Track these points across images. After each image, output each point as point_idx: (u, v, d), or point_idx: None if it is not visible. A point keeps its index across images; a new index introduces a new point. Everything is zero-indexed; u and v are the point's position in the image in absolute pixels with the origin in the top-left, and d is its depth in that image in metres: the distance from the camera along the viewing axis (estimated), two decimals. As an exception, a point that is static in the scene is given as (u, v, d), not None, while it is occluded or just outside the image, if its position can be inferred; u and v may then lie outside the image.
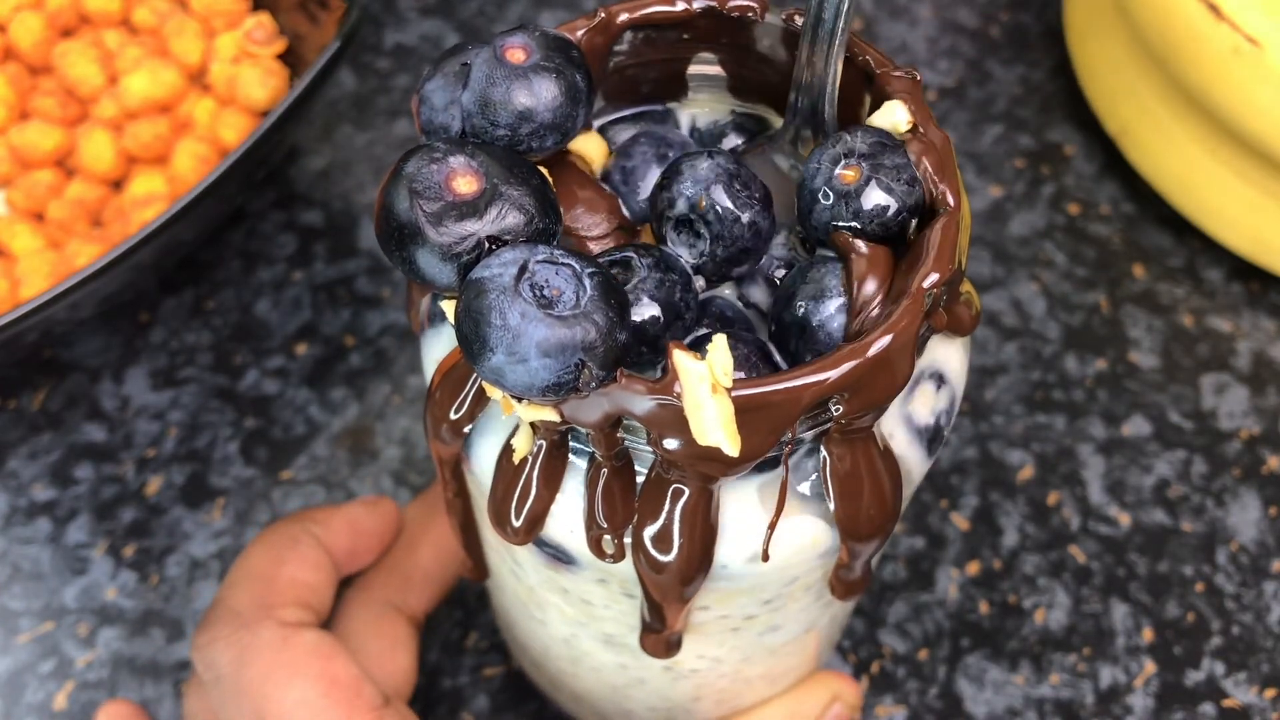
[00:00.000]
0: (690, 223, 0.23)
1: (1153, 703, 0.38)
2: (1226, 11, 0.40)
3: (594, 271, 0.20)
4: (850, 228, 0.22)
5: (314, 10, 0.45)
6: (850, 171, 0.22)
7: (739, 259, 0.23)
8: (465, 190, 0.20)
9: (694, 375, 0.20)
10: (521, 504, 0.23)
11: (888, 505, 0.23)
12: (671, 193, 0.23)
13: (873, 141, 0.23)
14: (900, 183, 0.22)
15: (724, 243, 0.23)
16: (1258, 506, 0.42)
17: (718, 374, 0.20)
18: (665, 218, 0.23)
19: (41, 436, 0.43)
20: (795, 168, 0.25)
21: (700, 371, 0.20)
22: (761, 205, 0.23)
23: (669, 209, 0.23)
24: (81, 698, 0.38)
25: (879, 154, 0.22)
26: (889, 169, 0.22)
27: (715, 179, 0.23)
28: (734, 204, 0.23)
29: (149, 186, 0.43)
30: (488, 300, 0.19)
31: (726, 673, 0.29)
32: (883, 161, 0.22)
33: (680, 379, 0.20)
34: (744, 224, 0.23)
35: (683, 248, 0.24)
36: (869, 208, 0.22)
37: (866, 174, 0.22)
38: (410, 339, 0.45)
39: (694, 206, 0.23)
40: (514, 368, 0.19)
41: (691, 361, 0.20)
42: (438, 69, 0.23)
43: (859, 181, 0.22)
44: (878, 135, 0.23)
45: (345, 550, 0.33)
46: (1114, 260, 0.47)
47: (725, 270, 0.24)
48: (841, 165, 0.22)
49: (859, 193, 0.22)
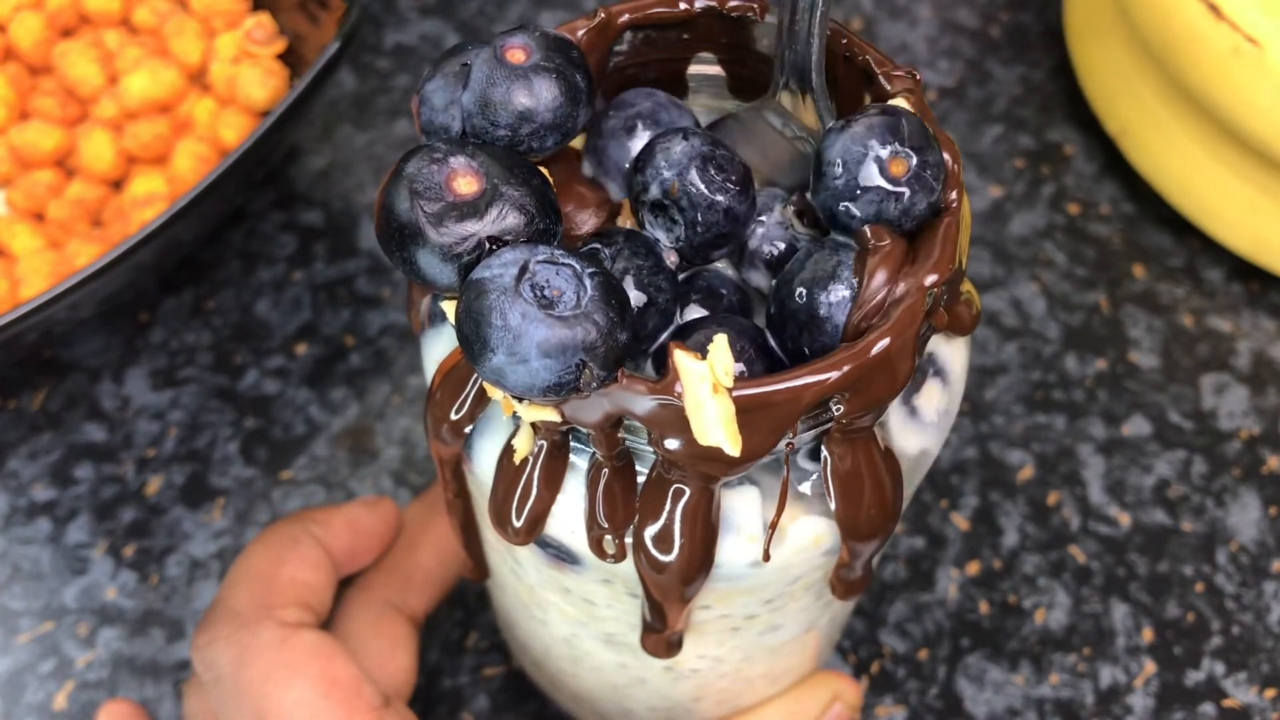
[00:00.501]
0: (665, 207, 0.23)
1: (1153, 703, 0.38)
2: (1226, 11, 0.40)
3: (594, 271, 0.20)
4: (888, 221, 0.22)
5: (314, 10, 0.45)
6: (899, 166, 0.21)
7: (716, 243, 0.23)
8: (466, 191, 0.20)
9: (695, 375, 0.20)
10: (522, 504, 0.23)
11: (888, 504, 0.23)
12: (645, 176, 0.23)
13: (917, 131, 0.22)
14: (939, 181, 0.22)
15: (699, 227, 0.23)
16: (1258, 506, 0.42)
17: (719, 374, 0.20)
18: (641, 201, 0.23)
19: (41, 436, 0.43)
20: (788, 125, 0.25)
21: (701, 371, 0.20)
22: (739, 188, 0.23)
23: (643, 193, 0.23)
24: (81, 698, 0.38)
25: (924, 149, 0.22)
26: (933, 166, 0.22)
27: (689, 162, 0.22)
28: (708, 189, 0.22)
29: (149, 186, 0.43)
30: (488, 301, 0.19)
31: (727, 672, 0.29)
32: (928, 159, 0.22)
33: (681, 379, 0.20)
34: (719, 209, 0.23)
35: (660, 231, 0.23)
36: (915, 205, 0.22)
37: (914, 170, 0.21)
38: (410, 339, 0.45)
39: (667, 192, 0.22)
40: (515, 368, 0.19)
41: (692, 361, 0.20)
42: (438, 69, 0.23)
43: (907, 176, 0.21)
44: (913, 123, 0.22)
45: (345, 550, 0.33)
46: (1114, 260, 0.47)
47: (704, 253, 0.23)
48: (890, 152, 0.21)
49: (904, 187, 0.21)
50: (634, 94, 0.25)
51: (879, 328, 0.21)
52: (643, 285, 0.22)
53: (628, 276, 0.22)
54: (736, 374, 0.20)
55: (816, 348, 0.22)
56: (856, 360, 0.20)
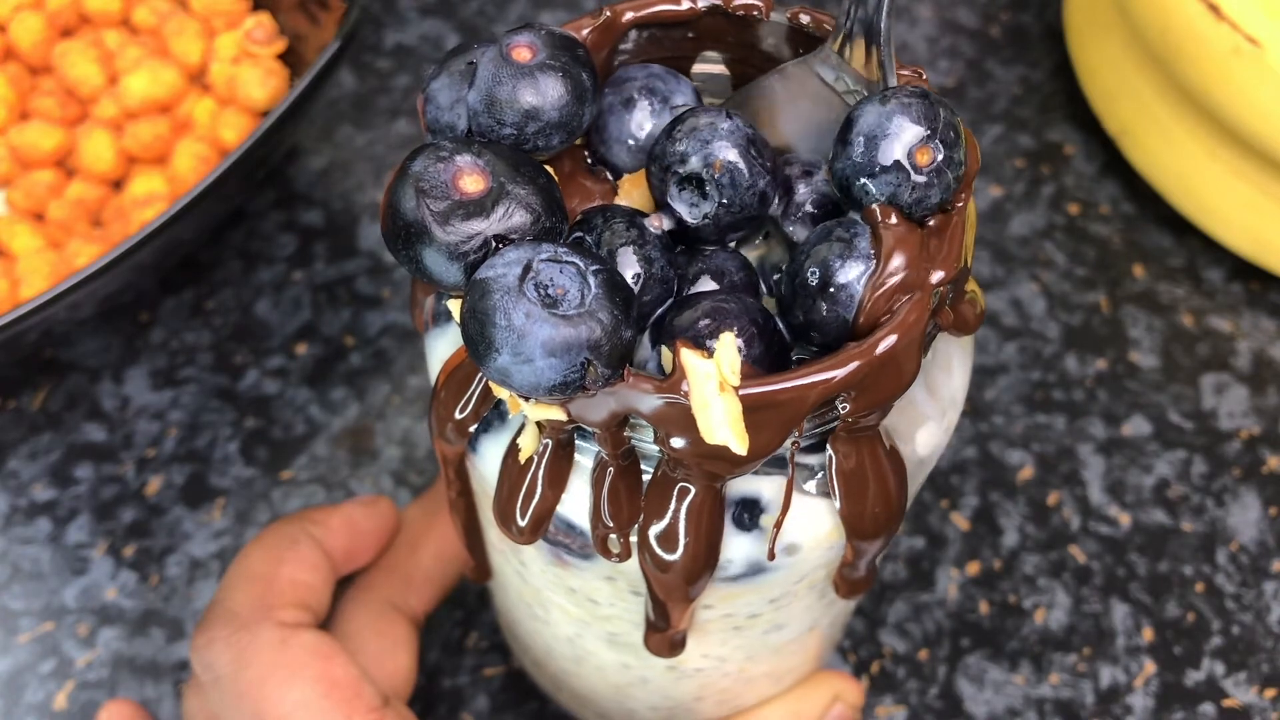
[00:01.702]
0: (699, 182, 0.22)
1: (1153, 703, 0.38)
2: (1227, 11, 0.40)
3: (599, 269, 0.20)
4: (899, 206, 0.21)
5: (314, 10, 0.45)
6: (926, 155, 0.21)
7: (739, 225, 0.23)
8: (472, 189, 0.20)
9: (701, 374, 0.20)
10: (527, 503, 0.23)
11: (893, 503, 0.23)
12: (683, 147, 0.22)
13: (949, 124, 0.21)
14: (957, 181, 0.21)
15: (734, 207, 0.22)
16: (1258, 506, 0.42)
17: (725, 373, 0.20)
18: (671, 171, 0.22)
19: (41, 436, 0.43)
20: (841, 79, 0.24)
21: (708, 370, 0.20)
22: (772, 175, 0.22)
23: (678, 164, 0.22)
24: (81, 698, 0.38)
25: (954, 146, 0.21)
26: (956, 165, 0.21)
27: (734, 141, 0.22)
28: (749, 171, 0.22)
29: (149, 186, 0.43)
30: (492, 300, 0.19)
31: (730, 672, 0.29)
32: (954, 155, 0.21)
33: (688, 378, 0.20)
34: (756, 192, 0.22)
35: (682, 204, 0.23)
36: (929, 197, 0.21)
37: (939, 163, 0.21)
38: (410, 339, 0.45)
39: (709, 166, 0.22)
40: (520, 368, 0.19)
41: (699, 360, 0.20)
42: (443, 68, 0.23)
43: (930, 166, 0.21)
44: (950, 118, 0.21)
45: (343, 550, 0.33)
46: (1114, 260, 0.47)
47: (724, 234, 0.23)
48: (920, 139, 0.21)
49: (925, 176, 0.21)
50: (631, 69, 0.25)
51: (886, 326, 0.21)
52: (639, 257, 0.22)
53: (625, 250, 0.22)
54: (737, 349, 0.20)
55: (830, 320, 0.21)
56: (863, 358, 0.20)
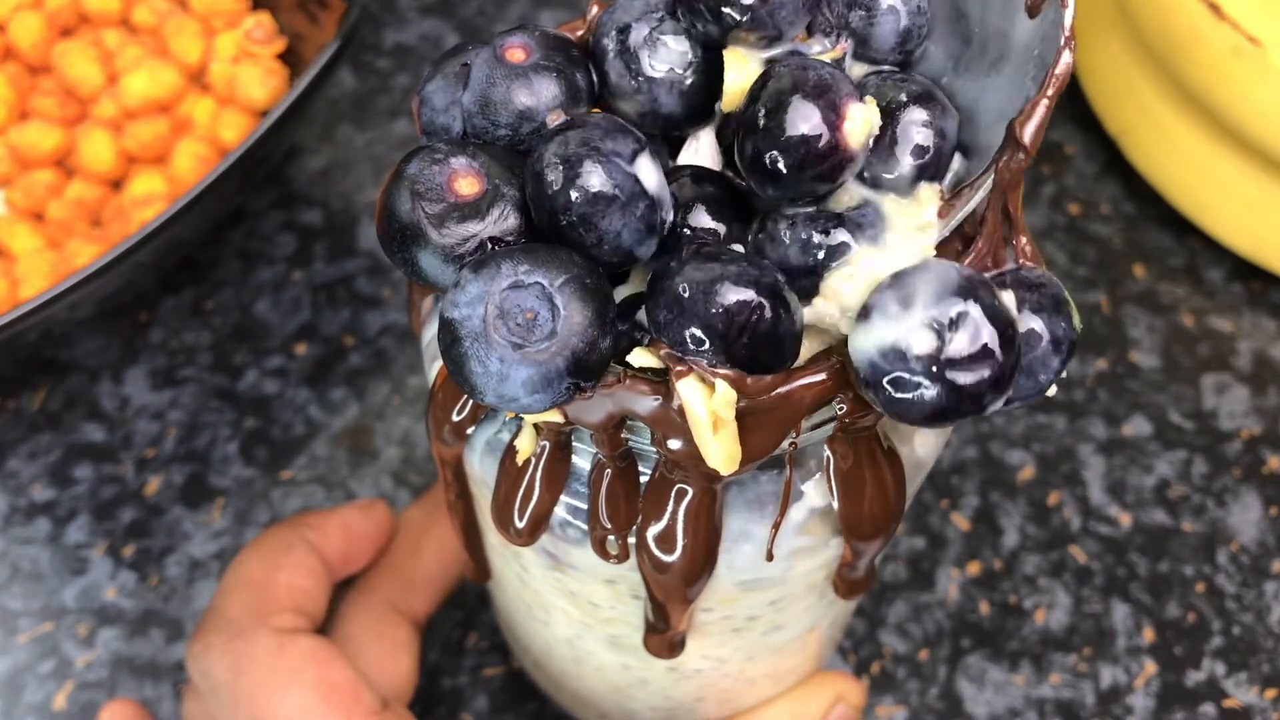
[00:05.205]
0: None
1: (1153, 703, 0.38)
2: (1227, 11, 0.40)
3: (564, 280, 0.19)
4: None
5: (314, 10, 0.45)
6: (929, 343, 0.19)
7: (805, 188, 0.20)
8: (467, 191, 0.20)
9: (699, 406, 0.19)
10: (525, 505, 0.23)
11: (891, 504, 0.23)
12: None
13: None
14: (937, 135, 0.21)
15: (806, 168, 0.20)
16: (1258, 506, 0.42)
17: (720, 410, 0.19)
18: None
19: (41, 436, 0.43)
20: None
21: (704, 406, 0.19)
22: None
23: None
24: (81, 698, 0.38)
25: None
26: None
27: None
28: None
29: (149, 186, 0.43)
30: (463, 348, 0.19)
31: (730, 672, 0.29)
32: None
33: (685, 410, 0.20)
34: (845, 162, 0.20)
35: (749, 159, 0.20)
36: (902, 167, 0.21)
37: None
38: (410, 339, 0.45)
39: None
40: (508, 404, 0.19)
41: (696, 395, 0.19)
42: (438, 70, 0.23)
43: None
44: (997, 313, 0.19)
45: (339, 554, 0.33)
46: (1114, 260, 0.47)
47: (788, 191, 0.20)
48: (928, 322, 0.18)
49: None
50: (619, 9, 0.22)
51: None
52: (608, 176, 0.19)
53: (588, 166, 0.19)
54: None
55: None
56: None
